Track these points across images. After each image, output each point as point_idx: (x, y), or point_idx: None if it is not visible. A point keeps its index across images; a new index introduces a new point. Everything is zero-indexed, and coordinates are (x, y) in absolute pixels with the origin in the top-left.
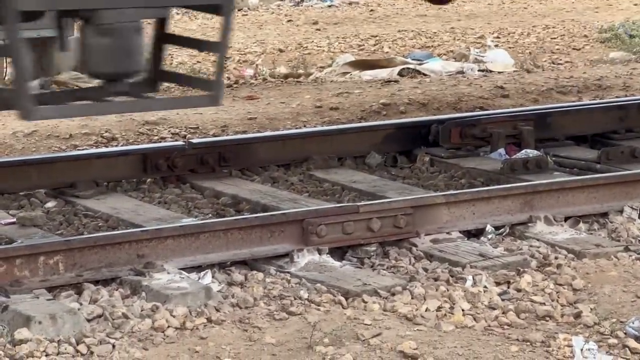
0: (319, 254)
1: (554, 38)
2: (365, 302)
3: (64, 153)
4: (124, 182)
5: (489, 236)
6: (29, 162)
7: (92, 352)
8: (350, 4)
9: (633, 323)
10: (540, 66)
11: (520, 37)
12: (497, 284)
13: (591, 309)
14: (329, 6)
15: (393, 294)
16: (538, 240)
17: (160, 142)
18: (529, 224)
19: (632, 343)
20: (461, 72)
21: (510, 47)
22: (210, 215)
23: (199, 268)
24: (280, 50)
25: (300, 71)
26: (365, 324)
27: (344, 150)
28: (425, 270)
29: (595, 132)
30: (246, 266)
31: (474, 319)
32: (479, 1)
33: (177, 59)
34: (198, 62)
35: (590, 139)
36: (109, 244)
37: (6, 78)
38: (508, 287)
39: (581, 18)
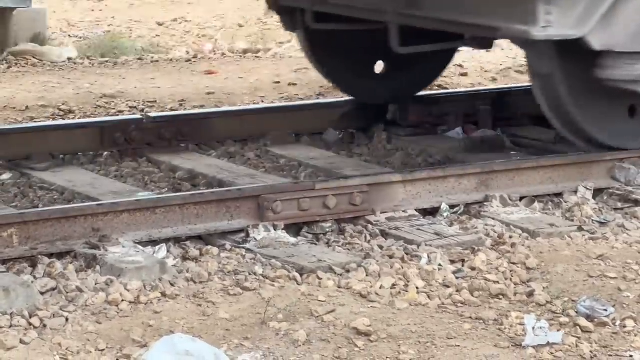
0: (275, 229)
1: None
2: (320, 279)
3: (20, 125)
4: (80, 155)
5: (445, 215)
6: None
7: (45, 325)
8: None
9: (584, 302)
10: (498, 45)
11: None
12: (452, 262)
13: (544, 287)
14: None
15: (348, 271)
16: (493, 219)
17: (117, 115)
18: (485, 203)
19: (583, 322)
20: None
21: None
22: (166, 189)
23: (154, 242)
24: (240, 25)
25: (259, 47)
26: (320, 301)
27: (301, 127)
28: (381, 247)
29: None
30: (201, 241)
31: (428, 297)
32: None
33: (137, 32)
34: (157, 35)
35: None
36: (64, 217)
37: None
38: (462, 266)
39: None
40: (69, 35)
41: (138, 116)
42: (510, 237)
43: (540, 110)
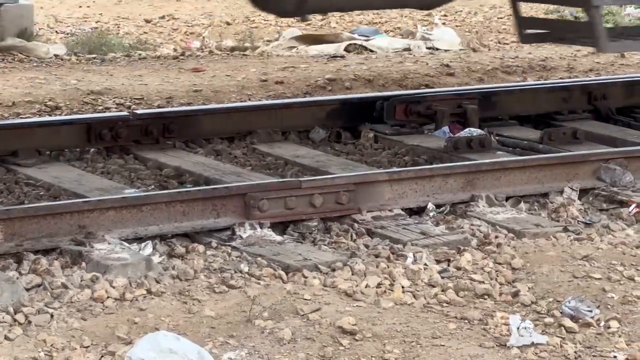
0: (261, 227)
1: (501, 18)
2: (306, 277)
3: (6, 121)
4: (67, 152)
5: (431, 214)
6: None
7: (30, 322)
8: None
9: (569, 302)
10: (486, 45)
11: (468, 16)
12: (438, 261)
13: (529, 288)
14: None
15: (333, 270)
16: (479, 219)
17: (104, 112)
18: (471, 203)
19: (567, 322)
20: (408, 50)
21: (457, 26)
22: (153, 186)
23: (140, 239)
24: (228, 23)
25: (247, 44)
26: (305, 299)
27: (288, 125)
28: (366, 246)
29: (538, 112)
30: (187, 238)
31: (414, 296)
32: None
33: (124, 29)
34: (145, 32)
35: (534, 119)
36: (49, 214)
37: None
38: (448, 265)
39: None
40: (57, 32)
41: (125, 113)
42: (496, 237)
43: (527, 110)
